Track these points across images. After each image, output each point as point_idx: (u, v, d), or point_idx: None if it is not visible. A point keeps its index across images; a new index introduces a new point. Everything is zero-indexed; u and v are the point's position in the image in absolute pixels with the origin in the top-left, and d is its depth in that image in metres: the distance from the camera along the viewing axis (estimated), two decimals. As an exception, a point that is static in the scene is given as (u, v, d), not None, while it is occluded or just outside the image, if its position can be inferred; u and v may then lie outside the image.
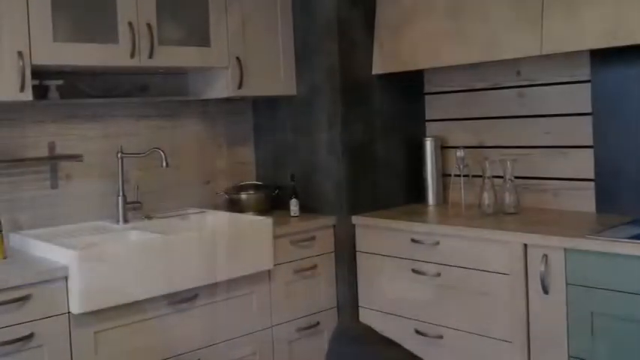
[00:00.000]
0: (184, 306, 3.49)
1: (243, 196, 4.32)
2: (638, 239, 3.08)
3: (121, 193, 3.88)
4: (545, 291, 3.32)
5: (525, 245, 3.39)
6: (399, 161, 4.47)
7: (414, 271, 3.86)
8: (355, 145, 4.20)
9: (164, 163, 3.76)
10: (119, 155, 3.90)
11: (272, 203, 4.40)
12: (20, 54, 3.25)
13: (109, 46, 3.55)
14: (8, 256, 3.33)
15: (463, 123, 4.45)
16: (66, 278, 3.09)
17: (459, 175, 4.19)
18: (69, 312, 3.10)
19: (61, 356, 3.09)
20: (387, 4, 4.24)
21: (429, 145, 4.42)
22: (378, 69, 4.27)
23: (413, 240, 3.85)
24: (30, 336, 2.98)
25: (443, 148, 4.49)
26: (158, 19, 3.71)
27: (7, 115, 3.66)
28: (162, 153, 3.77)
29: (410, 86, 4.56)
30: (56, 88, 3.68)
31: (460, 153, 4.16)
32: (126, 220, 3.87)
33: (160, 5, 3.71)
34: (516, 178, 4.00)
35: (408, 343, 3.68)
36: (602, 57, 3.71)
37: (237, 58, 4.04)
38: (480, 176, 4.04)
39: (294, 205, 4.22)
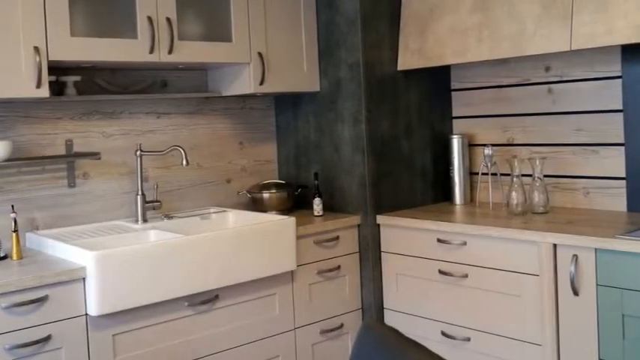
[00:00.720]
0: (205, 308, 3.46)
1: (266, 194, 4.26)
2: (672, 239, 3.02)
3: (140, 192, 3.86)
4: (575, 292, 3.27)
5: (555, 245, 3.34)
6: (425, 159, 4.42)
7: (440, 272, 3.83)
8: (380, 142, 4.16)
9: (184, 162, 3.72)
10: (138, 153, 3.87)
11: (295, 202, 4.38)
12: (37, 49, 3.22)
13: (127, 41, 3.52)
14: (24, 256, 3.32)
15: (491, 120, 4.41)
16: (83, 279, 3.06)
17: (486, 174, 4.19)
18: (86, 314, 3.07)
19: (78, 359, 3.06)
20: (413, -3, 4.19)
21: (455, 142, 4.37)
22: (403, 65, 4.22)
23: (439, 240, 3.82)
24: (47, 338, 2.96)
25: (470, 145, 4.46)
26: (178, 13, 3.68)
27: (23, 113, 3.64)
28: (182, 151, 3.74)
29: (436, 82, 4.51)
30: (73, 84, 3.66)
31: (488, 151, 4.13)
32: (145, 220, 3.84)
33: (180, -1, 3.68)
34: (546, 176, 3.99)
35: (435, 346, 3.79)
36: (633, 52, 3.67)
37: (260, 53, 4.01)
38: (509, 175, 4.03)
39: (317, 204, 4.18)
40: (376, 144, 4.13)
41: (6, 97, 3.21)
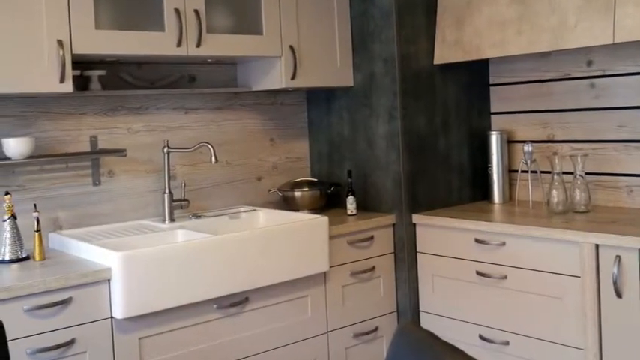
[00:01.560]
0: (234, 310, 3.44)
1: (297, 193, 4.23)
2: None
3: (167, 191, 3.85)
4: (618, 294, 3.24)
5: (597, 246, 3.31)
6: (462, 156, 4.39)
7: (478, 273, 3.80)
8: (416, 138, 4.12)
9: (213, 159, 3.73)
10: (165, 150, 3.86)
11: (328, 201, 4.35)
12: (60, 43, 3.20)
13: (154, 34, 3.50)
14: (47, 257, 3.30)
15: (531, 116, 4.36)
16: (109, 281, 3.05)
17: (526, 172, 4.17)
18: (112, 317, 3.06)
19: (103, 364, 3.05)
20: (450, -12, 4.18)
21: (494, 139, 4.33)
22: (440, 58, 4.18)
23: (477, 240, 3.80)
24: (71, 342, 2.95)
25: (509, 142, 4.42)
26: (207, 5, 3.66)
27: (46, 108, 3.62)
28: (210, 148, 3.74)
29: (474, 77, 4.47)
30: (98, 78, 3.66)
31: (528, 148, 4.11)
32: (172, 219, 3.84)
33: (208, -10, 3.68)
34: (587, 174, 3.95)
35: (472, 350, 3.96)
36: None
37: (291, 46, 3.98)
38: (549, 172, 4.02)
39: (350, 203, 4.14)
40: (412, 140, 4.10)
41: (29, 92, 3.21)
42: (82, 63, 3.51)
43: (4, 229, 3.24)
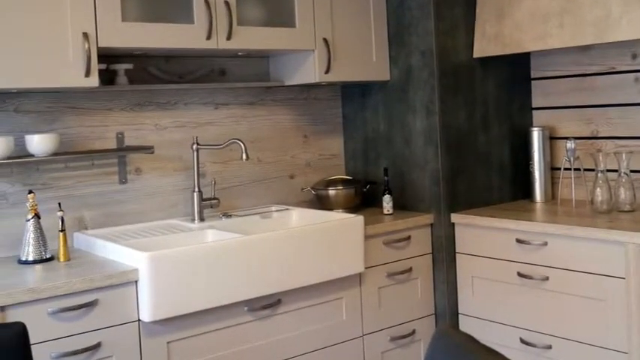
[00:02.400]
0: (266, 313, 3.43)
1: (331, 191, 4.21)
2: None
3: (196, 189, 3.83)
4: None
5: None
6: (502, 153, 4.36)
7: (519, 274, 3.77)
8: (455, 135, 4.09)
9: (244, 156, 3.68)
10: (194, 147, 3.85)
11: (363, 200, 4.33)
12: (86, 36, 3.18)
13: (183, 26, 3.48)
14: (72, 258, 3.28)
15: (574, 111, 4.33)
16: (136, 283, 3.04)
17: (569, 169, 4.14)
18: (139, 320, 3.05)
19: (130, 369, 3.06)
20: (491, -21, 4.18)
21: (536, 135, 4.28)
22: (479, 52, 4.15)
23: (518, 240, 3.77)
24: (97, 346, 2.93)
25: (551, 139, 4.37)
26: None
27: (71, 103, 3.61)
28: (241, 144, 3.70)
29: (515, 71, 4.44)
30: (125, 73, 3.65)
31: (570, 144, 4.09)
32: (202, 219, 3.82)
33: (239, -19, 3.69)
34: (632, 172, 3.89)
35: (513, 354, 3.88)
36: None
37: (325, 39, 3.95)
38: (592, 170, 3.96)
39: (387, 202, 4.11)
40: (450, 137, 4.07)
41: (53, 86, 3.18)
42: (108, 57, 3.49)
43: (27, 228, 3.22)
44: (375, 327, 3.84)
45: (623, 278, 3.32)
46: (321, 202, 4.25)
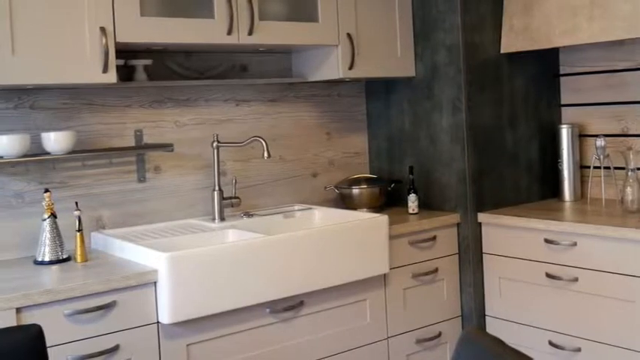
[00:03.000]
0: (288, 315, 3.42)
1: (355, 190, 4.19)
2: None
3: (216, 188, 3.82)
4: None
5: None
6: (530, 151, 4.33)
7: (547, 275, 3.75)
8: (482, 133, 4.07)
9: (265, 154, 3.69)
10: (215, 145, 3.83)
11: (387, 199, 4.30)
12: (103, 30, 3.17)
13: (203, 21, 3.47)
14: (89, 258, 3.28)
15: (603, 108, 4.29)
16: (155, 284, 3.03)
17: (598, 167, 4.11)
18: (158, 322, 3.04)
19: (149, 372, 3.06)
20: (518, -27, 4.17)
21: (564, 133, 4.26)
22: (507, 47, 4.13)
23: (547, 240, 3.74)
24: (115, 348, 2.92)
25: (581, 136, 4.34)
26: None
27: (88, 100, 3.61)
28: (263, 142, 3.70)
29: (543, 66, 4.40)
30: (144, 68, 3.64)
31: (600, 142, 4.05)
32: (222, 218, 3.81)
33: (261, -25, 3.70)
34: None
35: (542, 357, 3.88)
36: None
37: (349, 34, 3.93)
38: (623, 168, 3.94)
39: (412, 201, 4.10)
40: (477, 135, 4.05)
41: (69, 83, 3.17)
42: (126, 52, 3.48)
43: (43, 228, 3.22)
44: (400, 329, 3.83)
45: (654, 279, 3.34)
46: (345, 202, 4.24)
